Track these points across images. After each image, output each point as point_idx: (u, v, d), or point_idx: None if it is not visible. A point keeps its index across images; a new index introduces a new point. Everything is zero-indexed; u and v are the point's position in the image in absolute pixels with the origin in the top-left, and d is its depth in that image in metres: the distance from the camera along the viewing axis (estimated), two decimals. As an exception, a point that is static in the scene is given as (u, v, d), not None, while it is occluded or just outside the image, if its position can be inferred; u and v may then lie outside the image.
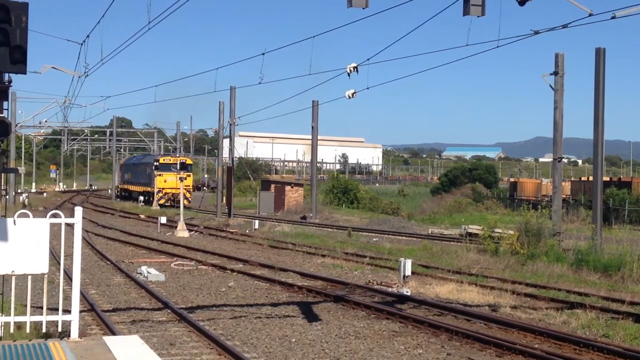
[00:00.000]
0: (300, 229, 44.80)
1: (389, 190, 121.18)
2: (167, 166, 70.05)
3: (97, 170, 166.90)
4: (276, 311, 18.52)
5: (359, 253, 32.07)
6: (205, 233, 43.57)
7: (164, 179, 69.81)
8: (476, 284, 22.58)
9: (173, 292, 21.34)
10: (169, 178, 69.35)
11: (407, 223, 54.78)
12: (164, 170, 69.88)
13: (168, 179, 69.49)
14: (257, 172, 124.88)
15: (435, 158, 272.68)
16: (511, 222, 40.45)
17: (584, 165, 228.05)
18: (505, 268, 27.42)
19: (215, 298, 20.52)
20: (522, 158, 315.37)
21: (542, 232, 29.94)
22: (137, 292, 21.23)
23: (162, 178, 69.85)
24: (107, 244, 35.82)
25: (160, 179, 69.88)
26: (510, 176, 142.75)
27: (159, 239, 38.52)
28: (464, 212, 67.50)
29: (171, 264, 28.09)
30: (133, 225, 49.57)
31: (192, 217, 54.66)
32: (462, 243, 34.49)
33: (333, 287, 22.53)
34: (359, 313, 18.43)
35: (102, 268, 26.79)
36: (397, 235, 43.82)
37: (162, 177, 69.92)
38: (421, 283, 22.94)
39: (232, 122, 55.02)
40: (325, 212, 62.46)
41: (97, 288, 21.90)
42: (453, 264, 28.08)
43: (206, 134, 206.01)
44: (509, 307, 19.17)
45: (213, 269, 26.91)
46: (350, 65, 22.92)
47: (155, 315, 17.67)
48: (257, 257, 30.90)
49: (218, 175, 61.07)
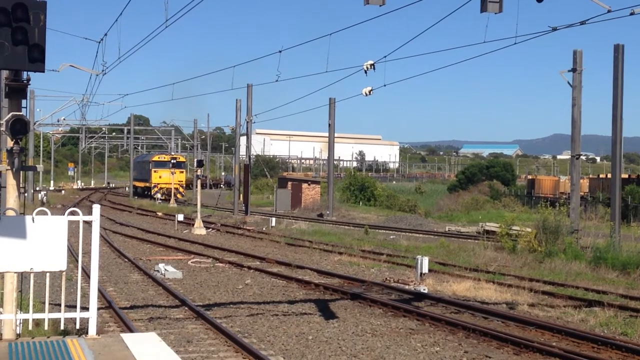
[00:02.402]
0: (317, 227, 44.79)
1: (406, 187, 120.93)
2: (162, 163, 78.70)
3: (115, 168, 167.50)
4: (293, 309, 18.53)
5: (375, 251, 32.05)
6: (222, 230, 43.66)
7: (159, 175, 78.13)
8: (493, 282, 22.51)
9: (190, 290, 21.40)
10: (163, 174, 77.67)
11: (424, 220, 54.66)
12: (159, 167, 78.48)
13: (163, 175, 77.77)
14: (274, 169, 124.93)
15: (452, 155, 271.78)
16: (529, 220, 40.27)
17: (602, 162, 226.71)
18: (523, 266, 27.32)
19: (232, 295, 20.56)
20: (539, 155, 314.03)
21: (560, 229, 29.81)
22: (154, 289, 21.31)
23: (157, 174, 78.29)
24: (125, 242, 35.96)
25: (155, 175, 78.44)
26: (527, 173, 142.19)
27: (176, 237, 38.64)
28: (481, 209, 67.28)
29: (188, 262, 28.17)
30: (150, 223, 49.74)
31: (209, 214, 54.80)
32: (480, 241, 34.39)
33: (350, 284, 22.52)
34: (376, 311, 18.41)
35: (120, 265, 26.90)
36: (414, 232, 43.73)
37: (157, 173, 78.33)
38: (438, 281, 22.90)
39: (249, 120, 55.06)
40: (342, 209, 62.41)
41: (115, 285, 21.99)
42: (470, 262, 28.01)
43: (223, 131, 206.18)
44: (527, 305, 19.10)
45: (230, 267, 26.96)
46: (367, 62, 22.90)
47: (172, 312, 17.72)
48: (274, 254, 30.93)
49: (235, 173, 61.16)
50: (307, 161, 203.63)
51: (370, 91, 25.42)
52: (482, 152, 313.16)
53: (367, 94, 25.47)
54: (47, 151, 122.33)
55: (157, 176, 78.77)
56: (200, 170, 48.31)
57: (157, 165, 79.60)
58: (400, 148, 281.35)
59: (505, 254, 29.97)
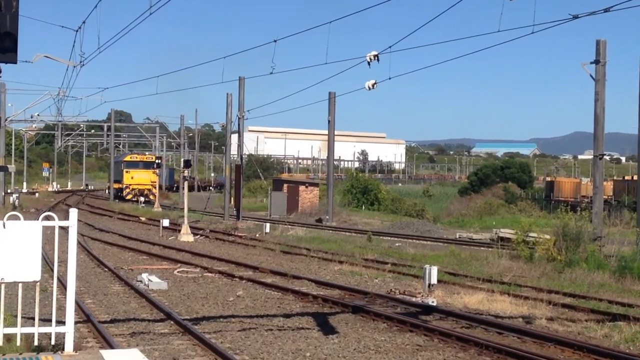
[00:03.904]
0: (315, 233, 44.81)
1: (412, 190, 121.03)
2: (134, 164, 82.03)
3: (94, 168, 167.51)
4: (289, 323, 18.54)
5: (379, 259, 32.06)
6: (212, 237, 43.66)
7: (131, 176, 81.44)
8: (508, 294, 22.52)
9: (176, 302, 21.40)
10: (135, 175, 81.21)
11: (433, 226, 54.71)
12: (131, 167, 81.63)
13: (135, 175, 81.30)
14: (268, 170, 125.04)
15: (463, 155, 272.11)
16: (547, 226, 40.26)
17: (628, 163, 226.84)
18: (541, 276, 27.33)
19: (223, 308, 20.56)
20: (559, 155, 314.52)
21: (581, 236, 29.80)
22: (137, 301, 21.30)
23: (129, 175, 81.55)
24: (105, 249, 35.96)
25: (127, 176, 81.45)
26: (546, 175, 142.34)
27: (160, 244, 38.64)
28: (495, 214, 67.39)
29: (174, 271, 28.17)
30: (133, 229, 49.73)
31: (198, 219, 54.79)
32: (493, 248, 34.39)
33: (351, 296, 22.53)
34: (380, 325, 18.42)
35: (99, 275, 26.89)
36: (421, 239, 43.74)
37: (129, 174, 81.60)
38: (448, 292, 22.91)
39: (241, 116, 55.08)
40: (342, 214, 62.43)
41: (94, 297, 21.99)
42: (483, 272, 28.02)
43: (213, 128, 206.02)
44: (545, 319, 19.11)
45: (220, 277, 26.97)
46: (371, 53, 22.91)
47: (157, 326, 17.72)
48: (268, 263, 30.94)
49: (225, 174, 61.20)
50: (304, 161, 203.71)
51: (373, 85, 25.43)
52: (497, 151, 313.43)
53: (370, 87, 25.47)
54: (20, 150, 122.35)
55: (129, 177, 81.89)
56: (187, 171, 48.32)
57: (129, 166, 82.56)
58: (407, 147, 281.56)
59: (522, 263, 29.97)
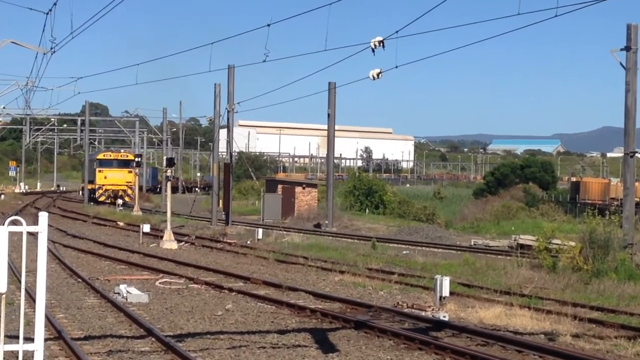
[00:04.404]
0: (313, 240, 44.81)
1: (422, 192, 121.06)
2: (107, 162, 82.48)
3: (66, 167, 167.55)
4: (284, 340, 18.52)
5: (385, 269, 32.05)
6: (198, 244, 43.64)
7: (104, 176, 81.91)
8: (529, 307, 22.51)
9: (158, 316, 21.38)
10: (109, 174, 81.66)
11: (445, 232, 54.71)
12: (105, 166, 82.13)
13: (109, 175, 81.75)
14: (261, 169, 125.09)
15: (479, 153, 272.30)
16: (572, 232, 40.28)
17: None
18: (565, 288, 27.32)
19: (210, 323, 20.55)
20: (585, 153, 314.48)
21: (610, 243, 29.79)
22: (114, 316, 21.28)
23: (102, 174, 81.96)
24: (78, 258, 35.93)
25: (100, 175, 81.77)
26: (571, 175, 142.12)
27: (141, 252, 38.62)
28: (514, 218, 67.35)
29: (156, 282, 28.15)
30: (109, 235, 49.70)
31: (182, 224, 54.78)
32: (512, 257, 34.36)
33: (354, 310, 22.52)
34: (386, 342, 18.40)
35: (72, 287, 26.87)
36: (432, 247, 43.75)
37: (102, 173, 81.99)
38: (462, 306, 22.90)
39: (231, 109, 55.05)
40: (344, 218, 62.40)
41: (66, 311, 21.97)
42: (501, 283, 28.01)
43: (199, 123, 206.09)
44: (570, 335, 19.10)
45: (207, 288, 26.95)
46: (375, 39, 22.90)
47: (136, 344, 17.71)
48: (260, 273, 30.93)
49: (213, 173, 61.14)
50: (301, 159, 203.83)
51: (378, 74, 25.43)
52: (516, 148, 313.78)
53: (374, 77, 25.47)
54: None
55: (102, 177, 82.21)
56: (170, 170, 48.21)
57: (102, 164, 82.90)
58: (416, 144, 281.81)
59: (544, 273, 29.96)
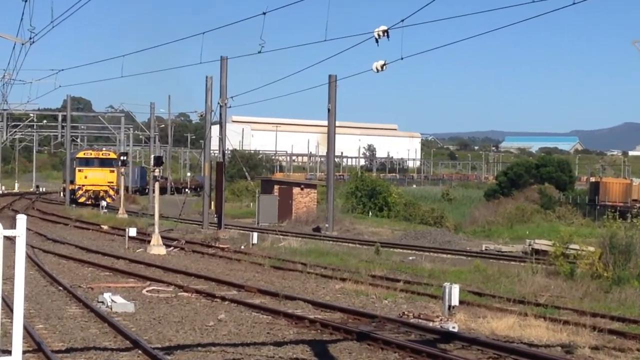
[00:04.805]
0: (312, 245, 44.79)
1: (429, 193, 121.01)
2: (88, 161, 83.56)
3: (47, 166, 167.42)
4: (281, 352, 18.53)
5: (390, 276, 32.07)
6: (188, 249, 43.63)
7: (84, 175, 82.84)
8: (545, 317, 22.53)
9: (145, 327, 21.39)
10: (90, 174, 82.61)
11: (454, 237, 54.75)
12: (85, 165, 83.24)
13: (89, 174, 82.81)
14: (256, 169, 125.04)
15: (490, 151, 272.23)
16: (591, 236, 40.30)
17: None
18: (584, 296, 27.33)
19: (201, 335, 20.55)
20: (606, 151, 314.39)
21: (632, 248, 29.82)
22: (98, 326, 21.29)
23: (82, 174, 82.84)
24: (59, 264, 35.95)
25: (80, 175, 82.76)
26: (590, 175, 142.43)
27: (126, 257, 38.61)
28: (528, 222, 67.39)
29: (143, 290, 28.16)
30: (93, 239, 49.70)
31: (171, 228, 54.77)
32: (527, 263, 34.40)
33: (356, 320, 22.54)
34: (390, 355, 18.42)
35: (53, 295, 26.88)
36: (440, 252, 43.74)
37: (83, 172, 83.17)
38: (472, 316, 22.91)
39: (223, 104, 55.07)
40: (345, 222, 62.38)
41: (46, 322, 21.98)
42: (514, 291, 28.02)
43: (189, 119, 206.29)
44: (589, 347, 19.11)
45: (198, 297, 26.96)
46: (379, 28, 22.92)
47: (121, 357, 17.72)
48: (255, 281, 30.94)
49: (204, 173, 61.17)
50: (299, 158, 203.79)
51: (382, 66, 25.45)
52: (530, 146, 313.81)
53: (378, 69, 25.48)
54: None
55: (82, 176, 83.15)
56: (158, 170, 48.15)
57: (82, 163, 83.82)
58: (423, 141, 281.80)
59: (561, 280, 29.97)
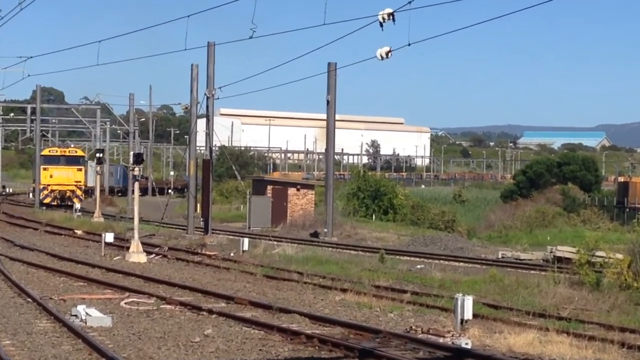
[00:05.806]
0: (310, 252, 44.74)
1: (440, 194, 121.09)
2: (53, 159, 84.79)
3: (14, 164, 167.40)
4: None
5: (395, 287, 32.06)
6: (171, 257, 43.59)
7: (50, 174, 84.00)
8: (568, 333, 22.53)
9: (124, 344, 21.39)
10: (55, 173, 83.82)
11: (467, 243, 54.74)
12: (50, 163, 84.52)
13: (55, 173, 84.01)
14: (246, 167, 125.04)
15: (508, 147, 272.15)
16: (620, 242, 40.32)
17: None
18: (611, 309, 27.32)
19: (186, 352, 20.55)
20: (635, 147, 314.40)
21: (665, 256, 29.82)
22: (71, 342, 21.29)
23: (47, 173, 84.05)
24: (28, 273, 35.93)
25: (45, 174, 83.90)
26: (618, 174, 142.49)
27: (102, 266, 38.58)
28: (550, 226, 67.37)
29: (121, 302, 28.14)
30: (65, 246, 49.64)
31: (152, 233, 54.68)
32: (548, 272, 34.39)
33: (358, 336, 22.53)
34: (396, 375, 18.42)
35: (21, 308, 26.87)
36: (451, 260, 43.72)
37: (48, 171, 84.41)
38: (487, 331, 22.92)
39: (211, 95, 55.04)
40: (346, 226, 62.33)
41: (13, 337, 21.97)
42: (534, 303, 28.02)
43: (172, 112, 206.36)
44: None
45: (182, 310, 26.95)
46: (384, 11, 22.90)
47: (97, 376, 17.72)
48: (246, 292, 30.92)
49: (190, 172, 61.12)
50: (295, 155, 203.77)
51: (388, 53, 25.43)
52: (552, 142, 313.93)
53: (383, 57, 25.47)
54: None
55: (47, 175, 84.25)
56: (138, 168, 48.05)
57: (48, 161, 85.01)
58: (432, 136, 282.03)
59: (586, 291, 29.96)
